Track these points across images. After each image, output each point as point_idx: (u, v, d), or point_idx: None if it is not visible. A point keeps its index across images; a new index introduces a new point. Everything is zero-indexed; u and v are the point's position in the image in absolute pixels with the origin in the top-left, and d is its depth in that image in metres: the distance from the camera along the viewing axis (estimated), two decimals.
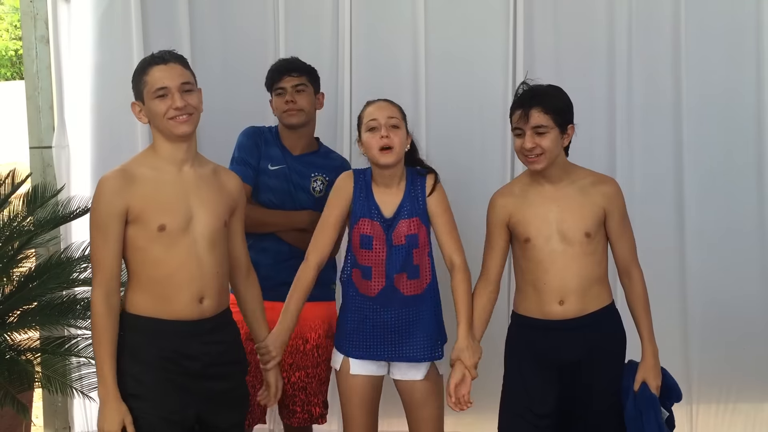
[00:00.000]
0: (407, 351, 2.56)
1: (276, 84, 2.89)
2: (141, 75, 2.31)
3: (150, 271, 2.26)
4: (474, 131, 3.56)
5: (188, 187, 2.30)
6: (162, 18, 3.55)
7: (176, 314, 2.27)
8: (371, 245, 2.54)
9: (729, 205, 3.51)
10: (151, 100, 2.28)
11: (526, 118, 2.43)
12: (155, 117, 2.29)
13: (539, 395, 2.50)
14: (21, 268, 3.26)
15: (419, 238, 2.55)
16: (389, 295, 2.55)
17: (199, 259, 2.29)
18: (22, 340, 3.17)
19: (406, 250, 2.54)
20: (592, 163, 2.69)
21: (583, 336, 2.48)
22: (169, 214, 2.25)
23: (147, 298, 2.27)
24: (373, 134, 2.51)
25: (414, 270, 2.55)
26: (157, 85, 2.27)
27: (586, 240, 2.48)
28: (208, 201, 2.32)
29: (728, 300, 3.52)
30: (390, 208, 2.56)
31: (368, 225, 2.55)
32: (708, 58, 3.48)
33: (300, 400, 2.88)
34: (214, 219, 2.32)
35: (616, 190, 2.55)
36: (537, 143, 2.43)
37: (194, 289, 2.28)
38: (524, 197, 2.54)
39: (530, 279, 2.53)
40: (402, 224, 2.54)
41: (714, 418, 3.58)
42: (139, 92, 2.33)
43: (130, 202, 2.23)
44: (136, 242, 2.25)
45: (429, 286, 2.59)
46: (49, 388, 3.01)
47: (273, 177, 2.88)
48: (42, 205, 3.22)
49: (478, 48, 3.55)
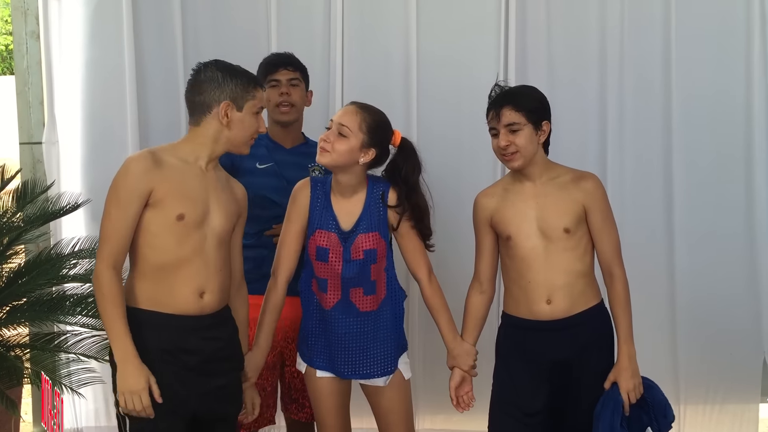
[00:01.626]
0: (363, 368, 2.54)
1: (271, 75, 2.89)
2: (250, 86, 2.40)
3: (157, 258, 2.26)
4: (464, 132, 3.57)
5: (209, 184, 2.34)
6: (153, 13, 3.55)
7: (177, 308, 2.28)
8: (327, 258, 2.49)
9: (718, 206, 3.53)
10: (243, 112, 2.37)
11: (498, 117, 2.47)
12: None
13: (528, 394, 2.51)
14: (10, 264, 3.26)
15: (377, 253, 2.50)
16: (344, 309, 2.52)
17: (206, 255, 2.30)
18: (11, 336, 3.17)
19: (363, 264, 2.49)
20: (584, 165, 2.70)
21: (572, 336, 2.49)
22: (190, 204, 2.27)
23: (148, 288, 2.27)
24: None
25: (371, 286, 2.51)
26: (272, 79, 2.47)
27: (565, 236, 2.49)
28: (224, 202, 2.37)
29: (716, 301, 3.54)
30: (348, 220, 2.51)
31: (324, 237, 2.50)
32: (698, 61, 3.49)
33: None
34: (227, 219, 2.36)
35: (596, 185, 2.55)
36: (511, 141, 2.46)
37: (197, 282, 2.29)
38: (505, 196, 2.57)
39: (515, 278, 2.54)
40: (360, 238, 2.49)
41: (701, 418, 3.60)
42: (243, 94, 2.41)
43: (155, 185, 2.23)
44: (150, 227, 2.26)
45: (386, 300, 2.55)
46: (38, 384, 3.00)
47: (262, 175, 2.88)
48: (32, 201, 3.22)
49: (470, 49, 3.56)
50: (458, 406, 2.60)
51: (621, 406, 2.45)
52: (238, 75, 2.36)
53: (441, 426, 3.59)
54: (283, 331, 2.84)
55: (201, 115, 2.34)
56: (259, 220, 2.86)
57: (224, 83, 2.33)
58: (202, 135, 2.34)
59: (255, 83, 2.39)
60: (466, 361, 2.57)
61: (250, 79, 2.39)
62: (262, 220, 2.86)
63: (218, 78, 2.34)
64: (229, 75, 2.35)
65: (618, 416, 2.43)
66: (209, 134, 2.34)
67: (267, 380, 2.85)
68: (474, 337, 2.61)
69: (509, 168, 2.54)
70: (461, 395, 2.58)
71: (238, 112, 2.34)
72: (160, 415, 2.22)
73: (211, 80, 2.34)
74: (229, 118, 2.32)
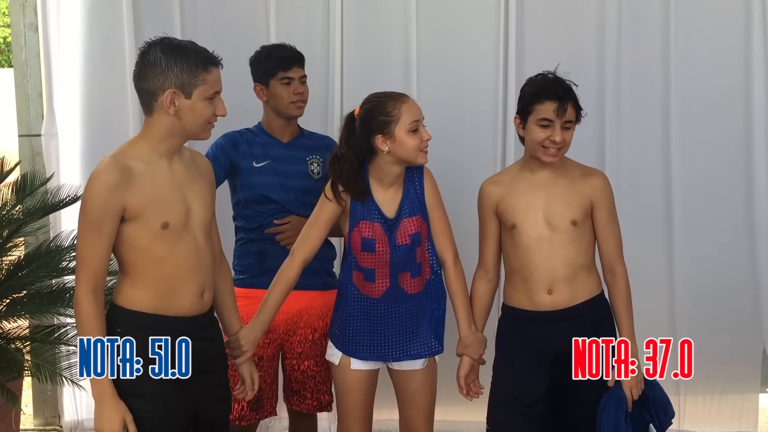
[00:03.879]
0: (411, 348, 2.57)
1: (283, 73, 2.86)
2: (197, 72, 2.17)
3: (154, 271, 2.16)
4: (465, 125, 3.56)
5: (181, 180, 2.20)
6: (152, 5, 3.54)
7: (179, 310, 2.20)
8: (374, 248, 2.51)
9: (717, 198, 3.53)
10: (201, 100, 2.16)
11: (563, 112, 2.44)
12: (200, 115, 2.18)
13: (528, 385, 2.51)
14: (10, 257, 3.26)
15: (422, 235, 2.54)
16: (393, 295, 2.54)
17: (200, 252, 2.22)
18: (11, 329, 3.17)
19: (410, 248, 2.52)
20: (581, 157, 2.70)
21: (573, 326, 2.49)
22: (170, 211, 2.16)
23: (148, 294, 2.18)
24: (416, 135, 2.46)
25: (417, 268, 2.55)
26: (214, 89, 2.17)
27: (572, 228, 2.49)
28: (201, 192, 2.25)
29: (716, 292, 3.54)
30: (391, 208, 2.53)
31: (369, 227, 2.51)
32: (697, 52, 3.49)
33: (310, 388, 2.90)
34: (207, 210, 2.27)
35: (605, 183, 2.57)
36: (564, 137, 2.46)
37: (197, 283, 2.22)
38: (512, 185, 2.56)
39: (518, 267, 2.54)
40: (405, 223, 2.52)
41: (701, 408, 3.61)
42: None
43: (128, 201, 2.09)
44: (137, 242, 2.14)
45: (429, 281, 2.59)
46: (38, 376, 3.01)
47: (259, 174, 2.86)
48: (31, 194, 3.22)
49: (470, 42, 3.55)
50: (468, 395, 2.60)
51: (625, 403, 2.45)
52: (184, 57, 2.11)
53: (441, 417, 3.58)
54: (284, 323, 2.84)
55: (150, 104, 2.13)
56: (260, 217, 2.86)
57: (168, 68, 2.09)
58: (156, 127, 2.15)
59: (204, 64, 2.13)
60: (477, 350, 2.57)
61: (199, 60, 2.13)
62: (262, 216, 2.86)
63: (162, 62, 2.09)
64: (174, 58, 2.09)
65: (622, 412, 2.44)
66: (163, 126, 2.14)
67: (267, 372, 2.85)
68: (483, 326, 2.62)
69: (546, 161, 2.49)
70: (470, 383, 2.59)
71: (187, 99, 2.12)
72: (159, 421, 2.16)
73: (155, 65, 2.10)
74: (177, 107, 2.11)
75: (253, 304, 2.57)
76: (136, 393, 2.17)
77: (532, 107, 2.47)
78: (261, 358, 2.80)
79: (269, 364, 2.86)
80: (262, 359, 2.81)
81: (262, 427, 3.58)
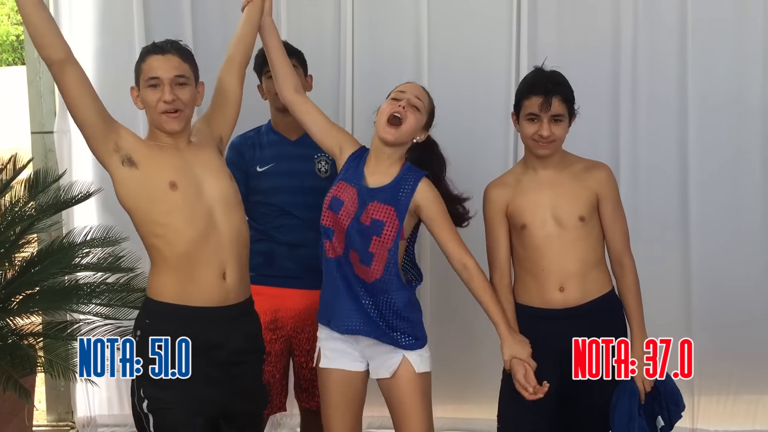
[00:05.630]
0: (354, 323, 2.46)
1: (265, 67, 2.86)
2: (139, 62, 2.32)
3: (175, 246, 2.21)
4: (477, 124, 3.54)
5: (189, 156, 2.29)
6: (163, 5, 3.54)
7: (202, 297, 2.22)
8: (338, 210, 2.46)
9: (733, 196, 3.50)
10: (144, 88, 2.29)
11: (547, 106, 2.45)
12: (147, 107, 2.30)
13: (538, 382, 2.50)
14: (23, 253, 3.27)
15: (384, 227, 2.42)
16: (344, 265, 2.47)
17: (217, 227, 2.25)
18: (24, 325, 3.18)
19: (367, 231, 2.42)
20: (595, 154, 2.70)
21: (584, 324, 2.49)
22: (175, 172, 2.24)
23: (171, 281, 2.23)
24: (391, 103, 2.45)
25: (368, 257, 2.43)
26: (150, 75, 2.27)
27: (580, 224, 2.49)
28: (210, 163, 2.32)
29: (731, 292, 3.52)
30: (375, 182, 2.47)
31: (344, 189, 2.48)
32: (714, 49, 3.45)
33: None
34: (221, 178, 2.32)
35: (609, 175, 2.56)
36: (552, 131, 2.45)
37: (216, 261, 2.23)
38: (518, 185, 2.56)
39: (529, 267, 2.53)
40: (375, 205, 2.44)
41: (716, 409, 3.59)
42: (137, 78, 2.33)
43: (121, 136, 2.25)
44: (154, 216, 2.21)
45: (381, 282, 2.45)
46: (51, 372, 3.01)
47: (262, 178, 2.86)
48: (44, 190, 3.22)
49: (482, 40, 3.53)
50: (534, 395, 2.42)
51: (638, 395, 2.45)
52: (140, 54, 2.32)
53: (452, 414, 3.59)
54: (292, 321, 2.85)
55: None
56: (265, 218, 2.86)
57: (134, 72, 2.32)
58: (149, 125, 2.33)
59: (142, 56, 2.31)
60: (522, 349, 2.44)
61: (142, 53, 2.32)
62: (268, 217, 2.86)
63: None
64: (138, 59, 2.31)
65: (635, 404, 2.43)
66: (149, 123, 2.33)
67: (276, 367, 2.86)
68: (516, 327, 2.52)
69: (537, 155, 2.51)
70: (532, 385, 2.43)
71: (140, 92, 2.30)
72: (185, 414, 2.17)
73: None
74: (140, 102, 2.30)
75: (261, 299, 2.58)
76: (160, 383, 2.19)
77: (522, 103, 2.50)
78: (269, 354, 2.81)
79: (278, 360, 2.87)
80: (270, 355, 2.82)
81: (273, 423, 3.60)
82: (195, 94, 2.34)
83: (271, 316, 2.83)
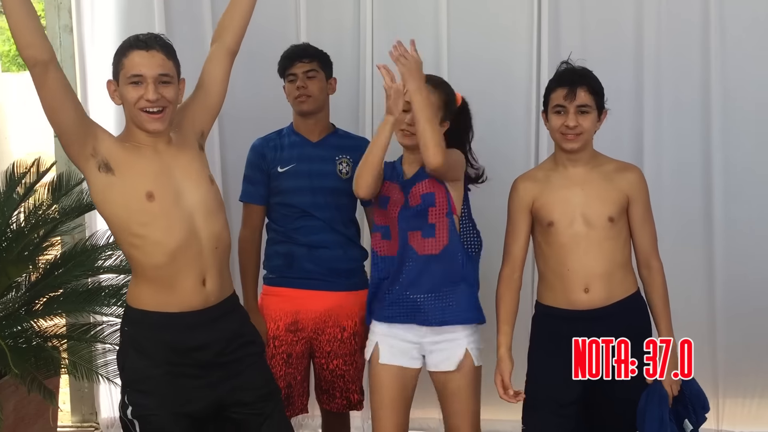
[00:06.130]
0: (437, 313, 2.52)
1: (288, 70, 2.87)
2: (120, 56, 2.19)
3: (152, 258, 2.16)
4: (497, 123, 3.51)
5: (167, 160, 2.20)
6: (184, 7, 3.55)
7: (181, 304, 2.19)
8: (387, 204, 2.57)
9: (758, 196, 3.46)
10: (124, 85, 2.17)
11: (572, 96, 2.44)
12: (126, 103, 2.20)
13: (563, 385, 2.48)
14: (47, 256, 3.29)
15: (436, 198, 2.52)
16: (406, 253, 2.54)
17: (197, 235, 2.19)
18: (48, 327, 3.20)
19: (421, 208, 2.52)
20: (619, 153, 2.67)
21: (609, 326, 2.46)
22: (154, 180, 2.16)
23: (150, 290, 2.19)
24: (403, 116, 2.49)
25: (430, 228, 2.52)
26: (133, 71, 2.15)
27: (609, 224, 2.47)
28: (190, 167, 2.23)
29: (756, 293, 3.47)
30: (410, 170, 2.58)
31: (388, 187, 2.58)
32: (738, 47, 3.40)
33: (339, 387, 2.90)
34: (201, 183, 2.23)
35: (641, 177, 2.54)
36: (579, 122, 2.43)
37: (196, 269, 2.19)
38: (548, 181, 2.54)
39: (553, 265, 2.51)
40: (419, 185, 2.54)
41: (741, 409, 3.54)
42: (116, 72, 2.21)
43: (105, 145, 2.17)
44: (131, 227, 2.16)
45: (449, 248, 2.53)
46: (75, 374, 3.04)
47: (283, 179, 2.86)
48: (67, 193, 3.24)
49: (502, 42, 3.50)
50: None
51: (667, 400, 2.42)
52: (117, 50, 2.20)
53: None
54: (312, 322, 2.85)
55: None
56: (285, 220, 2.86)
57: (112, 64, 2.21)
58: (126, 122, 2.26)
59: (124, 49, 2.18)
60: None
61: (123, 46, 2.18)
62: (288, 219, 2.86)
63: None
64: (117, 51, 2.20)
65: (666, 409, 2.40)
66: (126, 119, 2.25)
67: (297, 369, 2.86)
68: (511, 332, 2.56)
69: (566, 148, 2.49)
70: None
71: (119, 87, 2.19)
72: (169, 418, 2.15)
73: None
74: (117, 97, 2.20)
75: (281, 301, 2.59)
76: (143, 389, 2.18)
77: (549, 97, 2.51)
78: (290, 355, 2.81)
79: (299, 361, 2.86)
80: (291, 356, 2.82)
81: (295, 425, 3.59)
82: (178, 92, 2.23)
83: (291, 318, 2.83)
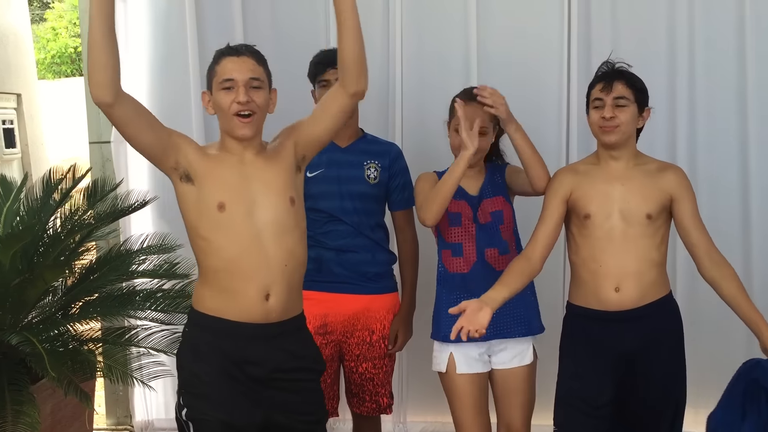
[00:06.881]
0: (506, 327, 2.60)
1: (320, 76, 2.87)
2: (213, 64, 2.26)
3: (213, 261, 2.19)
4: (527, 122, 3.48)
5: (250, 171, 2.23)
6: (215, 15, 3.59)
7: (239, 314, 2.19)
8: (460, 221, 2.62)
9: None
10: (217, 91, 2.22)
11: (609, 89, 2.45)
12: (220, 109, 2.23)
13: (595, 386, 2.47)
14: (82, 261, 3.33)
15: (504, 215, 2.64)
16: (482, 271, 2.60)
17: (264, 249, 2.19)
18: (84, 331, 3.24)
19: (493, 226, 2.62)
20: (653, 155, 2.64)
21: (639, 328, 2.44)
22: (229, 191, 2.19)
23: (210, 293, 2.22)
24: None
25: (504, 245, 2.63)
26: (225, 76, 2.20)
27: (646, 222, 2.44)
28: (273, 183, 2.24)
29: None
30: (473, 187, 2.65)
31: (453, 204, 2.59)
32: None
33: (368, 390, 2.91)
34: (279, 200, 2.23)
35: (683, 176, 2.52)
36: (616, 114, 2.43)
37: (259, 281, 2.18)
38: (588, 174, 2.54)
39: (586, 260, 2.48)
40: (487, 202, 2.63)
41: None
42: (209, 82, 2.27)
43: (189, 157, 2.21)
44: (199, 230, 2.20)
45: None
46: (110, 377, 3.07)
47: (311, 184, 2.83)
48: (102, 199, 3.28)
49: (532, 47, 3.49)
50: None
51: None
52: (215, 56, 2.27)
53: None
54: (341, 325, 2.86)
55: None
56: (314, 224, 2.86)
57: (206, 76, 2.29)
58: (220, 131, 2.30)
59: (216, 58, 2.25)
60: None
61: (215, 56, 2.26)
62: (317, 224, 2.86)
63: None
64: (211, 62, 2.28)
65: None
66: (220, 129, 2.29)
67: (327, 372, 2.85)
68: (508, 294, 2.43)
69: (604, 141, 2.48)
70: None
71: (212, 95, 2.25)
72: (218, 426, 2.16)
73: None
74: (211, 107, 2.26)
75: (310, 304, 2.60)
76: (197, 392, 2.19)
77: (589, 94, 2.52)
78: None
79: (328, 364, 2.86)
80: None
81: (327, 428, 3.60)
82: (268, 99, 2.27)
83: (320, 321, 2.84)
